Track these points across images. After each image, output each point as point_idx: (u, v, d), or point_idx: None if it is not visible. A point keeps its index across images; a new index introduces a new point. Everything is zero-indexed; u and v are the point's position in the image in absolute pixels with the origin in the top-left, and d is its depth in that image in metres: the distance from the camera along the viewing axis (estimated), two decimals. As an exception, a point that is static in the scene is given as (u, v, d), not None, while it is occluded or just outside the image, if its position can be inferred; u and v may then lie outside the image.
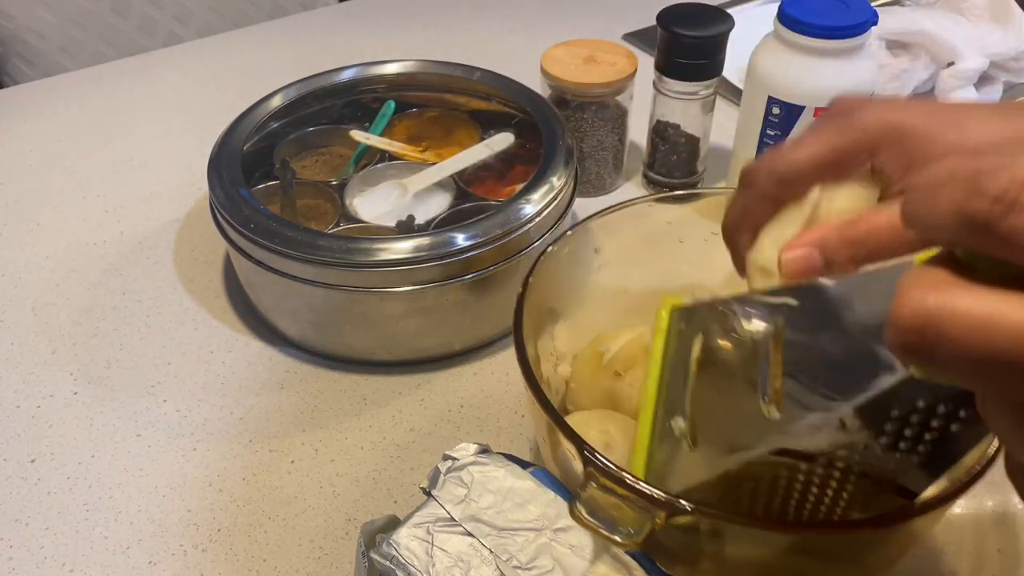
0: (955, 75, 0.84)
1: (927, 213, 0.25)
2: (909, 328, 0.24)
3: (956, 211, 0.24)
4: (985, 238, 0.24)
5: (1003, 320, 0.23)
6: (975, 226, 0.24)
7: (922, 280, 0.25)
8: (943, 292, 0.24)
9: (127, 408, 0.63)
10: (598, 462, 0.40)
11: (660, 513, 0.38)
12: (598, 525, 0.38)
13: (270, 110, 0.73)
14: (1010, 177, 0.23)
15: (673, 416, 0.45)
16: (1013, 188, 0.23)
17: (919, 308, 0.24)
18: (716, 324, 0.46)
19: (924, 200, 0.25)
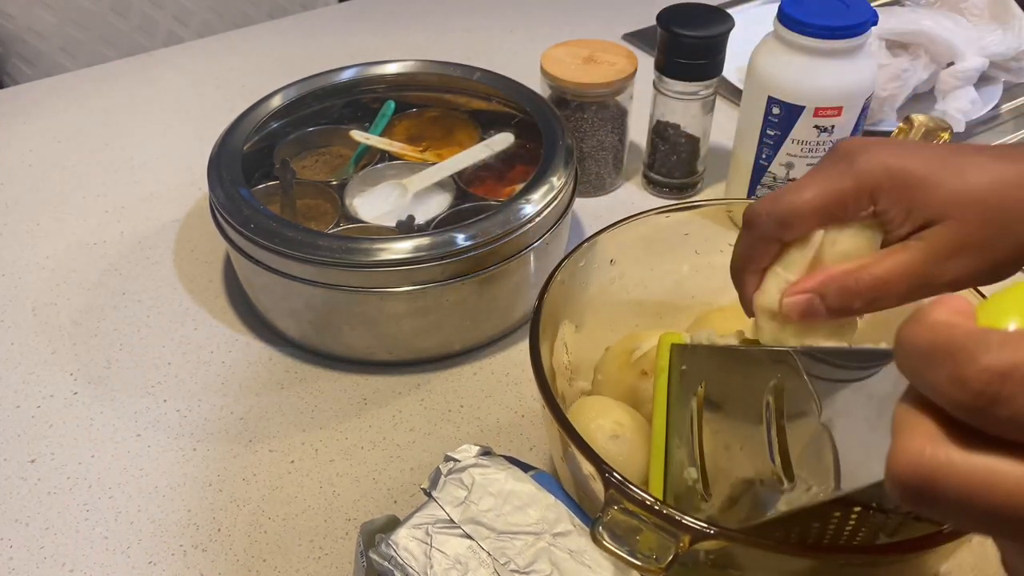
0: (955, 75, 0.83)
1: (916, 384, 0.26)
2: (907, 484, 0.25)
3: (943, 397, 0.25)
4: (974, 421, 0.24)
5: (999, 481, 0.24)
6: (962, 411, 0.24)
7: (917, 429, 0.25)
8: (939, 447, 0.24)
9: (127, 408, 0.63)
10: (620, 484, 0.39)
11: (684, 537, 0.37)
12: (620, 550, 0.37)
13: (270, 110, 0.73)
14: (988, 371, 0.23)
15: (685, 466, 0.45)
16: (993, 383, 0.23)
17: (916, 464, 0.25)
18: (717, 373, 0.46)
19: (911, 371, 0.26)
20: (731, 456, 0.43)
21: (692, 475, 0.45)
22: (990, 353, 0.23)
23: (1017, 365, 0.23)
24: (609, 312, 0.58)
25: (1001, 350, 0.23)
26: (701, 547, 0.38)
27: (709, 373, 0.46)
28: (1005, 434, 0.24)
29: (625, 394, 0.54)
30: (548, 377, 0.47)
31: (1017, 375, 0.23)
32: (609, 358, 0.56)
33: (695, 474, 0.44)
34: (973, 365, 0.24)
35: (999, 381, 0.23)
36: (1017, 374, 0.23)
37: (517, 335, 0.68)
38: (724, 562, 0.42)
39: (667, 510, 0.38)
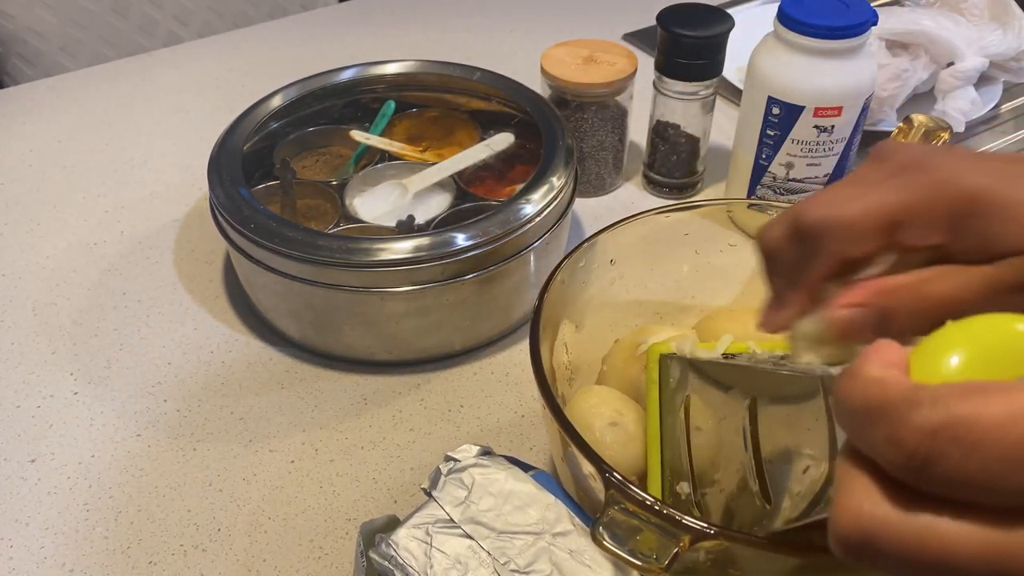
0: (955, 75, 0.83)
1: (855, 441, 0.26)
2: (847, 542, 0.25)
3: (880, 457, 0.25)
4: (910, 480, 0.24)
5: (934, 538, 0.24)
6: (899, 471, 0.24)
7: (856, 486, 0.25)
8: (877, 505, 0.25)
9: (127, 408, 0.63)
10: (620, 484, 0.39)
11: (685, 537, 0.37)
12: (620, 550, 0.37)
13: (270, 110, 0.73)
14: (919, 431, 0.23)
15: (678, 480, 0.45)
16: (924, 443, 0.23)
17: (855, 522, 0.25)
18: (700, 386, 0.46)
19: (849, 428, 0.26)
20: (716, 475, 0.44)
21: (685, 489, 0.45)
22: (920, 412, 0.24)
23: (945, 424, 0.23)
24: (609, 312, 0.58)
25: (932, 408, 0.24)
26: (701, 547, 0.38)
27: (693, 387, 0.46)
28: (940, 492, 0.24)
29: (628, 387, 0.54)
30: (548, 377, 0.47)
31: (946, 434, 0.23)
32: (617, 350, 0.56)
33: (687, 488, 0.45)
34: (905, 426, 0.24)
35: (929, 440, 0.23)
36: (946, 433, 0.23)
37: (517, 335, 0.68)
38: (724, 562, 0.42)
39: (667, 510, 0.38)
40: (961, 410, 0.23)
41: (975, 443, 0.23)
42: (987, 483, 0.23)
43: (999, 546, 0.23)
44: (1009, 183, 0.33)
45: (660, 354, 0.49)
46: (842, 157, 0.71)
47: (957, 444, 0.23)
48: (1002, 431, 0.23)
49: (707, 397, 0.45)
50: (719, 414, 0.45)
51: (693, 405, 0.46)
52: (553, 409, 0.44)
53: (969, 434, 0.23)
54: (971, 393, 0.24)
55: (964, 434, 0.23)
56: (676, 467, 0.45)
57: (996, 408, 0.23)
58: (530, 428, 0.61)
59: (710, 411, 0.46)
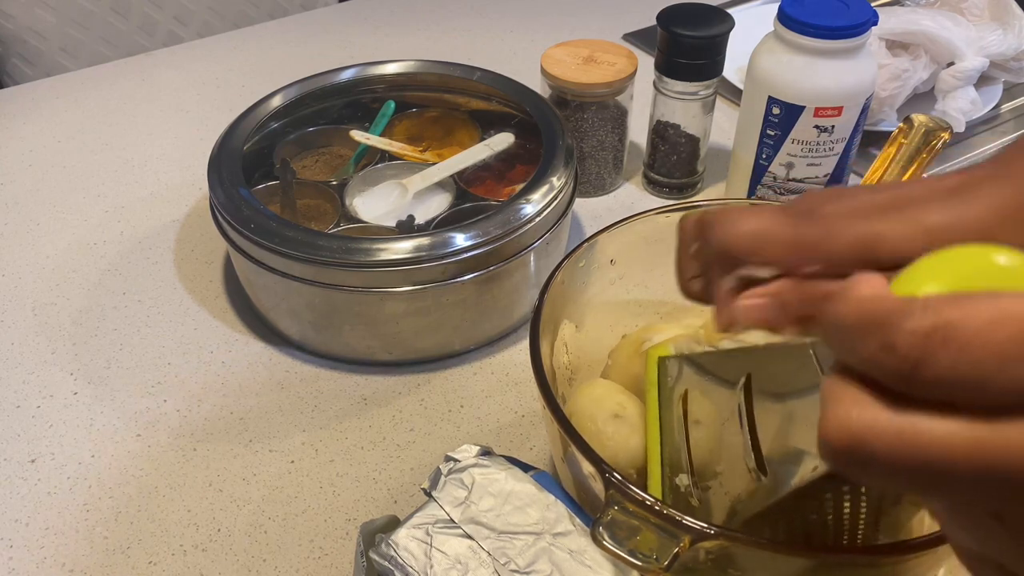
0: (955, 75, 0.83)
1: (847, 358, 0.26)
2: (839, 448, 0.26)
3: (874, 366, 0.25)
4: (904, 385, 0.25)
5: (926, 437, 0.24)
6: (893, 377, 0.25)
7: (844, 396, 0.26)
8: (866, 409, 0.25)
9: (127, 408, 0.63)
10: (620, 484, 0.39)
11: (685, 537, 0.37)
12: (620, 550, 0.37)
13: (270, 110, 0.73)
14: (914, 334, 0.24)
15: (676, 473, 0.45)
16: (917, 346, 0.24)
17: (845, 427, 0.25)
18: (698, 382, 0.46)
19: (841, 346, 0.27)
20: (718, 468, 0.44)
21: (683, 481, 0.45)
22: (913, 318, 0.24)
23: (936, 326, 0.24)
24: (609, 312, 0.58)
25: (924, 314, 0.24)
26: (701, 547, 0.38)
27: (691, 383, 0.47)
28: (931, 394, 0.24)
29: (632, 382, 0.54)
30: (548, 377, 0.47)
31: (937, 336, 0.24)
32: (623, 345, 0.56)
33: (686, 480, 0.45)
34: (898, 332, 0.25)
35: (922, 343, 0.24)
36: (937, 335, 0.24)
37: (517, 335, 0.68)
38: (724, 562, 0.42)
39: (667, 510, 0.38)
40: (951, 314, 0.24)
41: (965, 343, 0.24)
42: (976, 381, 0.24)
43: (986, 442, 0.24)
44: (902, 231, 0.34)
45: (659, 357, 0.49)
46: (842, 157, 0.71)
47: (947, 345, 0.24)
48: (990, 331, 0.24)
49: (704, 389, 0.46)
50: (717, 407, 0.45)
51: (691, 399, 0.47)
52: (553, 409, 0.44)
53: (959, 335, 0.24)
54: (960, 299, 0.24)
55: (954, 335, 0.24)
56: (675, 461, 0.46)
57: (984, 311, 0.24)
58: (530, 428, 0.61)
59: (708, 402, 0.46)
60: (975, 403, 0.24)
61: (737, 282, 0.38)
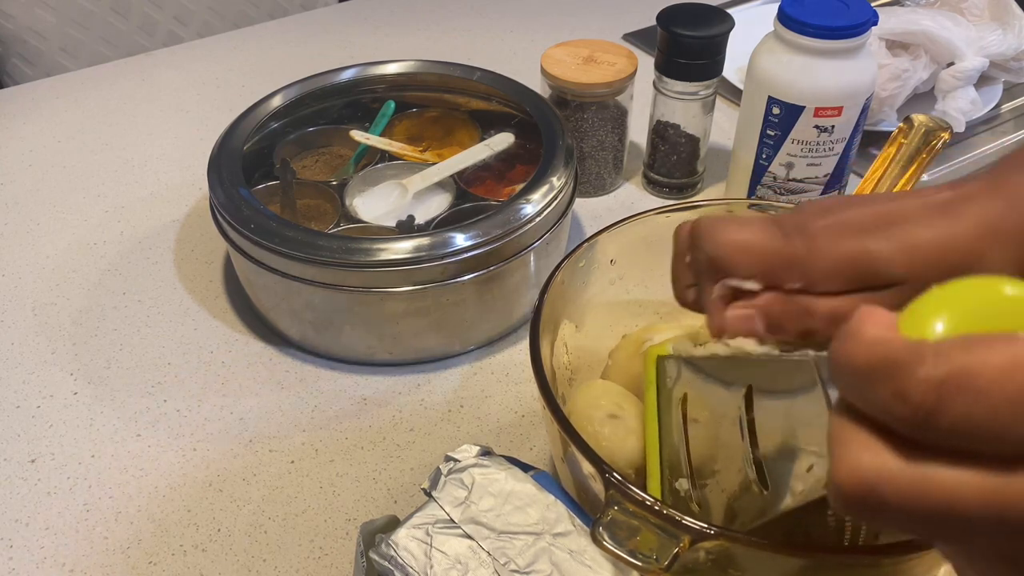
0: (955, 75, 0.83)
1: (857, 401, 0.26)
2: (851, 495, 0.25)
3: (886, 413, 0.25)
4: (918, 433, 0.24)
5: (939, 486, 0.24)
6: (906, 425, 0.24)
7: (855, 440, 0.26)
8: (878, 456, 0.25)
9: (127, 408, 0.63)
10: (619, 484, 0.39)
11: (685, 537, 0.37)
12: (620, 551, 0.37)
13: (270, 110, 0.73)
14: (926, 383, 0.24)
15: (676, 477, 0.45)
16: (931, 394, 0.24)
17: (858, 474, 0.25)
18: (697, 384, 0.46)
19: (851, 390, 0.26)
20: (716, 467, 0.44)
21: (683, 485, 0.45)
22: (925, 365, 0.24)
23: (950, 374, 0.23)
24: (610, 312, 0.58)
25: (936, 360, 0.24)
26: (701, 547, 0.38)
27: (690, 384, 0.47)
28: (945, 442, 0.24)
29: (631, 382, 0.54)
30: (548, 377, 0.47)
31: (951, 384, 0.23)
32: (623, 345, 0.56)
33: (686, 484, 0.45)
34: (910, 379, 0.24)
35: (936, 391, 0.24)
36: (951, 383, 0.23)
37: (517, 335, 0.68)
38: (725, 563, 0.42)
39: (667, 511, 0.38)
40: (965, 360, 0.24)
41: (980, 391, 0.23)
42: (991, 431, 0.23)
43: (1000, 493, 0.24)
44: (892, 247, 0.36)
45: (657, 356, 0.49)
46: (842, 157, 0.71)
47: (962, 393, 0.23)
48: (1006, 378, 0.23)
49: (703, 392, 0.46)
50: (716, 407, 0.45)
51: (690, 401, 0.46)
52: (553, 410, 0.44)
53: (974, 382, 0.23)
54: (974, 344, 0.24)
55: (969, 383, 0.23)
56: (675, 464, 0.45)
57: (999, 356, 0.23)
58: (530, 428, 0.61)
59: (707, 405, 0.46)
60: (989, 451, 0.24)
61: (727, 290, 0.39)
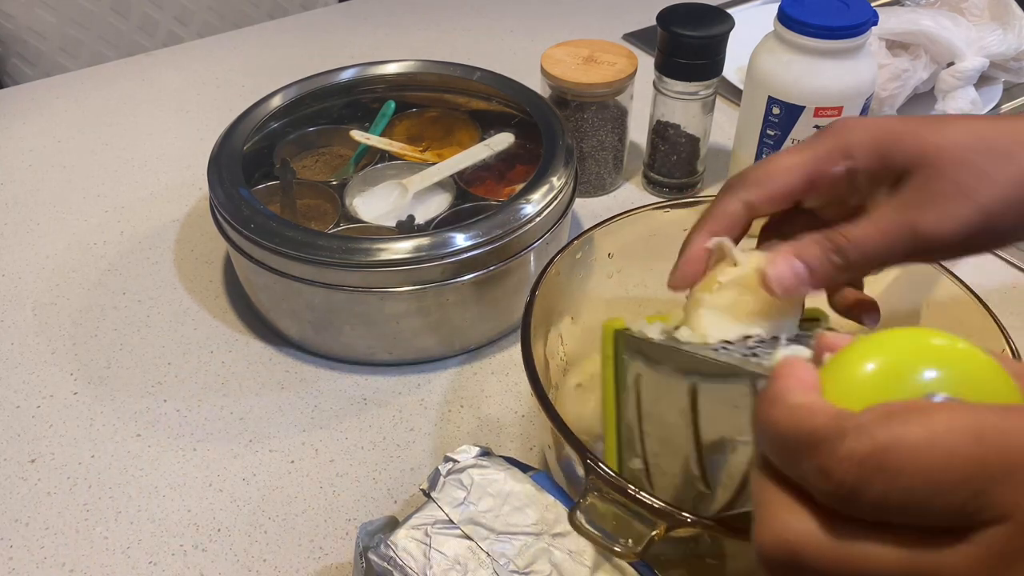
0: (955, 75, 0.83)
1: (786, 471, 0.26)
2: (774, 560, 0.26)
3: (811, 487, 0.25)
4: (842, 507, 0.25)
5: (861, 558, 0.25)
6: (830, 499, 0.25)
7: (778, 504, 0.26)
8: (801, 521, 0.26)
9: (127, 408, 0.63)
10: (600, 470, 0.39)
11: (661, 524, 0.38)
12: (597, 534, 0.38)
13: (270, 110, 0.73)
14: (848, 460, 0.24)
15: (630, 456, 0.46)
16: (851, 472, 0.24)
17: (781, 539, 0.26)
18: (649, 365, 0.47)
19: (775, 456, 0.27)
20: (666, 451, 0.44)
21: (636, 464, 0.46)
22: (847, 441, 0.24)
23: (871, 453, 0.24)
24: (608, 306, 0.58)
25: (857, 437, 0.24)
26: (677, 534, 0.38)
27: (643, 365, 0.47)
28: (868, 517, 0.25)
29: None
30: (541, 367, 0.48)
31: (871, 462, 0.24)
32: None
33: (639, 464, 0.45)
34: (832, 457, 0.24)
35: (857, 470, 0.24)
36: (871, 462, 0.24)
37: (517, 335, 0.68)
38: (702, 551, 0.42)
39: (644, 497, 0.38)
40: (884, 437, 0.24)
41: (899, 470, 0.24)
42: (911, 507, 0.24)
43: (919, 566, 0.24)
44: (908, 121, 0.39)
45: (614, 330, 0.50)
46: (842, 157, 0.71)
47: (882, 472, 0.24)
48: (924, 456, 0.24)
49: (654, 379, 0.46)
50: (665, 397, 0.46)
51: (643, 385, 0.47)
52: (537, 390, 0.45)
53: (893, 461, 0.24)
54: (892, 418, 0.24)
55: (888, 462, 0.24)
56: (630, 442, 0.46)
57: (917, 432, 0.24)
58: (530, 428, 0.61)
59: (657, 393, 0.46)
60: (908, 524, 0.24)
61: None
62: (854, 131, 0.40)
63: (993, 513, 0.23)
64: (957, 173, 0.37)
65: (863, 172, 0.39)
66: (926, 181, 0.37)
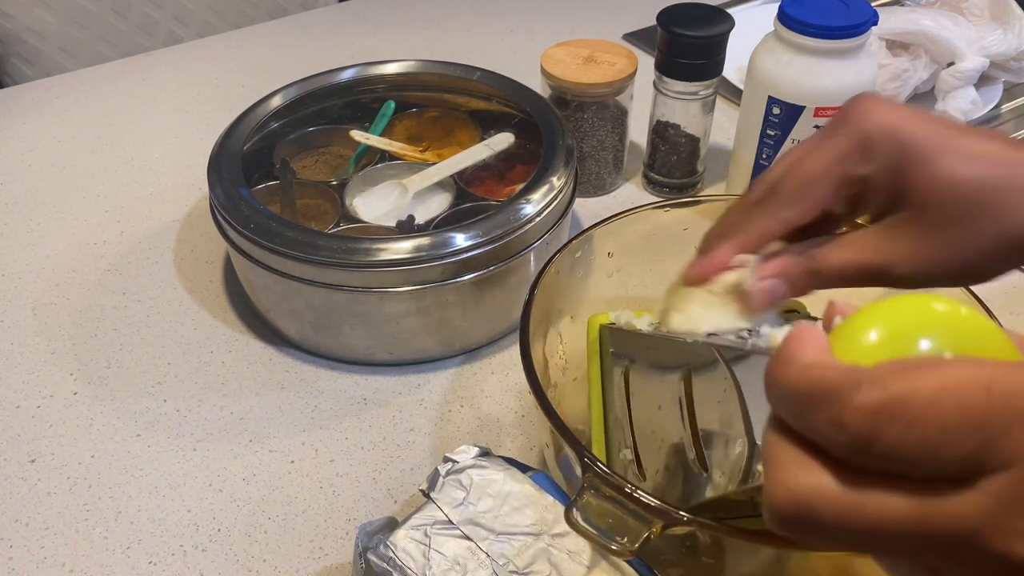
0: (955, 75, 0.83)
1: (793, 424, 0.27)
2: (786, 515, 0.26)
3: (824, 439, 0.26)
4: (855, 458, 0.25)
5: (872, 506, 0.25)
6: (843, 450, 0.26)
7: (789, 459, 0.27)
8: (812, 475, 0.26)
9: (127, 408, 0.63)
10: (597, 468, 0.39)
11: (657, 522, 0.38)
12: (593, 532, 0.38)
13: (270, 110, 0.73)
14: (861, 411, 0.25)
15: (620, 448, 0.46)
16: (867, 422, 0.25)
17: (793, 493, 0.26)
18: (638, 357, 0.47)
19: (788, 413, 0.27)
20: (656, 440, 0.45)
21: (627, 456, 0.46)
22: (860, 393, 0.25)
23: (884, 403, 0.25)
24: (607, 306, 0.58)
25: (871, 389, 0.25)
26: (674, 532, 0.38)
27: (632, 356, 0.47)
28: (882, 467, 0.25)
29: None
30: (540, 365, 0.48)
31: (885, 412, 0.25)
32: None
33: (629, 455, 0.45)
34: (846, 408, 0.25)
35: (871, 420, 0.25)
36: (885, 411, 0.25)
37: (517, 335, 0.68)
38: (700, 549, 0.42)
39: (641, 495, 0.38)
40: (897, 388, 0.25)
41: (912, 419, 0.24)
42: (921, 456, 0.25)
43: (928, 514, 0.25)
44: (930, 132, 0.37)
45: (600, 325, 0.50)
46: (842, 157, 0.71)
47: (895, 421, 0.24)
48: (936, 405, 0.24)
49: (643, 370, 0.47)
50: (655, 387, 0.46)
51: (632, 376, 0.47)
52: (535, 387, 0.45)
53: (906, 410, 0.24)
54: (905, 371, 0.25)
55: (901, 411, 0.25)
56: (619, 433, 0.46)
57: (929, 383, 0.25)
58: (530, 428, 0.61)
59: (647, 383, 0.47)
60: (919, 474, 0.25)
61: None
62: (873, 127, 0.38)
63: (1000, 460, 0.24)
64: (948, 228, 0.37)
65: (875, 179, 0.39)
66: (919, 224, 0.37)
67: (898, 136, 0.38)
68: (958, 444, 0.24)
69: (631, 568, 0.41)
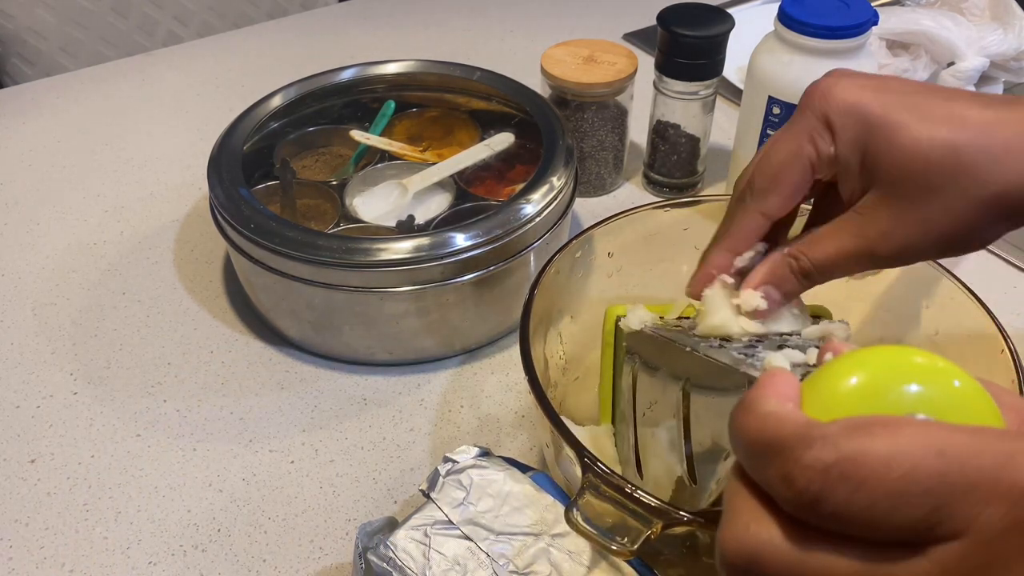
0: (955, 75, 0.83)
1: (751, 475, 0.27)
2: (734, 565, 0.26)
3: (774, 493, 0.26)
4: (803, 516, 0.25)
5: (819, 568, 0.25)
6: (792, 507, 0.25)
7: (744, 509, 0.26)
8: (763, 528, 0.26)
9: (127, 408, 0.63)
10: (597, 468, 0.39)
11: (657, 522, 0.38)
12: (593, 532, 0.38)
13: (270, 110, 0.73)
14: (810, 469, 0.24)
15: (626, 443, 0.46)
16: (815, 481, 0.24)
17: (742, 543, 0.26)
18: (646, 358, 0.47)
19: (744, 460, 0.27)
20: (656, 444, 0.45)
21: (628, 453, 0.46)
22: (811, 451, 0.24)
23: (835, 463, 0.24)
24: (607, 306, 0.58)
25: (823, 447, 0.24)
26: (673, 532, 0.38)
27: (641, 356, 0.47)
28: (830, 527, 0.25)
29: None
30: (540, 365, 0.48)
31: (835, 472, 0.24)
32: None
33: (631, 455, 0.45)
34: (796, 464, 0.25)
35: (820, 479, 0.24)
36: (835, 472, 0.24)
37: (517, 335, 0.68)
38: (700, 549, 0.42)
39: (641, 495, 0.38)
40: (850, 448, 0.24)
41: (862, 481, 0.24)
42: (871, 519, 0.24)
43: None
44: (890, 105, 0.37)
45: (617, 316, 0.50)
46: (842, 157, 0.71)
47: (844, 482, 0.24)
48: (886, 469, 0.24)
49: (650, 373, 0.47)
50: (659, 392, 0.46)
51: (639, 376, 0.47)
52: (534, 386, 0.45)
53: (855, 473, 0.24)
54: (859, 430, 0.24)
55: (852, 472, 0.24)
56: (623, 430, 0.46)
57: (882, 444, 0.24)
58: (530, 428, 0.61)
59: (651, 386, 0.47)
60: (867, 536, 0.24)
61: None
62: (832, 104, 0.38)
63: (951, 528, 0.23)
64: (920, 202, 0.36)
65: (843, 158, 0.39)
66: (894, 199, 0.37)
67: (859, 111, 0.37)
68: (908, 509, 0.23)
69: (631, 568, 0.41)
